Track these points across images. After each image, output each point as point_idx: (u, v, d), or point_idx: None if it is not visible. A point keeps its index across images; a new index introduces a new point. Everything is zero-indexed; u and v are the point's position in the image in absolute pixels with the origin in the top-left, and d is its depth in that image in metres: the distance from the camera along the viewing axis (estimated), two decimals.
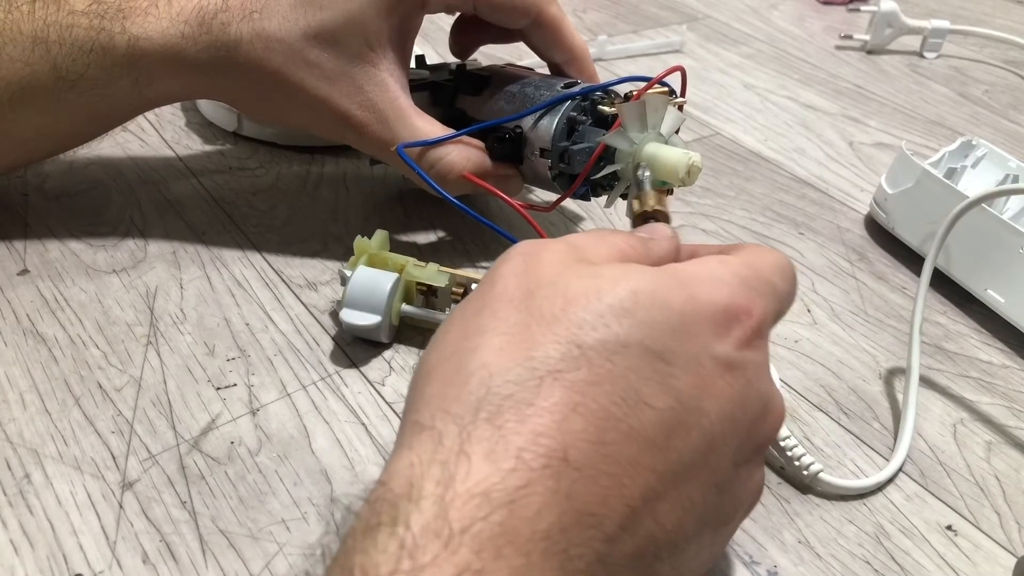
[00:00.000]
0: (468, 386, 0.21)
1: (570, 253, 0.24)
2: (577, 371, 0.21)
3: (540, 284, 0.23)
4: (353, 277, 0.36)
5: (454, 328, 0.23)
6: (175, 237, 0.43)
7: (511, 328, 0.22)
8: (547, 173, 0.40)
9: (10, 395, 0.34)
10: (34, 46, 0.37)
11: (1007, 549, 0.32)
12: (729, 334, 0.23)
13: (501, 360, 0.21)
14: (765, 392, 0.24)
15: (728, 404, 0.23)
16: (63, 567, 0.28)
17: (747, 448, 0.24)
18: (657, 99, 0.36)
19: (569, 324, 0.22)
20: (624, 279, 0.23)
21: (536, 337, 0.22)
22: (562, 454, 0.20)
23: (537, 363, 0.21)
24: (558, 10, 0.41)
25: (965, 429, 0.37)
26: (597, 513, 0.20)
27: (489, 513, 0.19)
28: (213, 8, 0.37)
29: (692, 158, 0.35)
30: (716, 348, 0.23)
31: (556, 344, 0.21)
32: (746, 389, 0.23)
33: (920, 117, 0.64)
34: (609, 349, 0.21)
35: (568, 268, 0.23)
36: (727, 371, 0.23)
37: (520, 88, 0.41)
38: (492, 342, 0.22)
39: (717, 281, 0.24)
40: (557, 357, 0.21)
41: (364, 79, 0.38)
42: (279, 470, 0.32)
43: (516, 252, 0.24)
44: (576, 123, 0.39)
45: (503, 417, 0.20)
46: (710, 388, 0.22)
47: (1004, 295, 0.42)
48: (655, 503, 0.21)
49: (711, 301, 0.23)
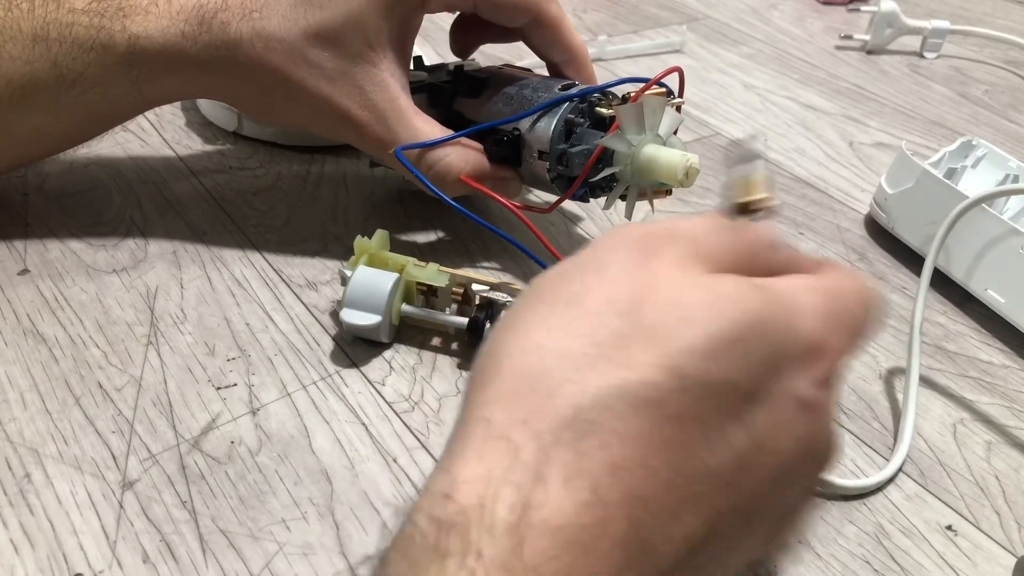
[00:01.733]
0: (554, 400, 0.19)
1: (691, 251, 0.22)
2: (673, 405, 0.20)
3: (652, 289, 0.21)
4: (353, 277, 0.36)
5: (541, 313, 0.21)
6: (175, 237, 0.43)
7: (608, 338, 0.20)
8: (545, 175, 0.40)
9: (10, 395, 0.34)
10: (34, 44, 0.37)
11: (1007, 549, 0.32)
12: (809, 372, 0.22)
13: (593, 378, 0.20)
14: (830, 432, 0.24)
15: (801, 444, 0.22)
16: (63, 567, 0.28)
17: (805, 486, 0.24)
18: (655, 101, 0.36)
19: (675, 347, 0.20)
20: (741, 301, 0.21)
21: (634, 355, 0.20)
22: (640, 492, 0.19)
23: (631, 388, 0.19)
24: (558, 10, 0.41)
25: (965, 429, 0.37)
26: (659, 551, 0.19)
27: (560, 553, 0.18)
28: (213, 7, 0.37)
29: (690, 160, 0.35)
30: (798, 387, 0.22)
31: (655, 367, 0.20)
32: (817, 430, 0.23)
33: (920, 117, 0.64)
34: (711, 384, 0.20)
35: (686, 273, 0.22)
36: (804, 412, 0.22)
37: (518, 90, 0.41)
38: (586, 351, 0.20)
39: (809, 314, 0.23)
40: (654, 385, 0.20)
41: (364, 79, 0.38)
42: (279, 470, 0.32)
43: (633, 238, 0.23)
44: (574, 125, 0.39)
45: (586, 442, 0.19)
46: (787, 427, 0.22)
47: (1004, 295, 0.42)
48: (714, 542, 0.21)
49: (803, 337, 0.22)
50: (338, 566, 0.29)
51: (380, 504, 0.31)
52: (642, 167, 0.37)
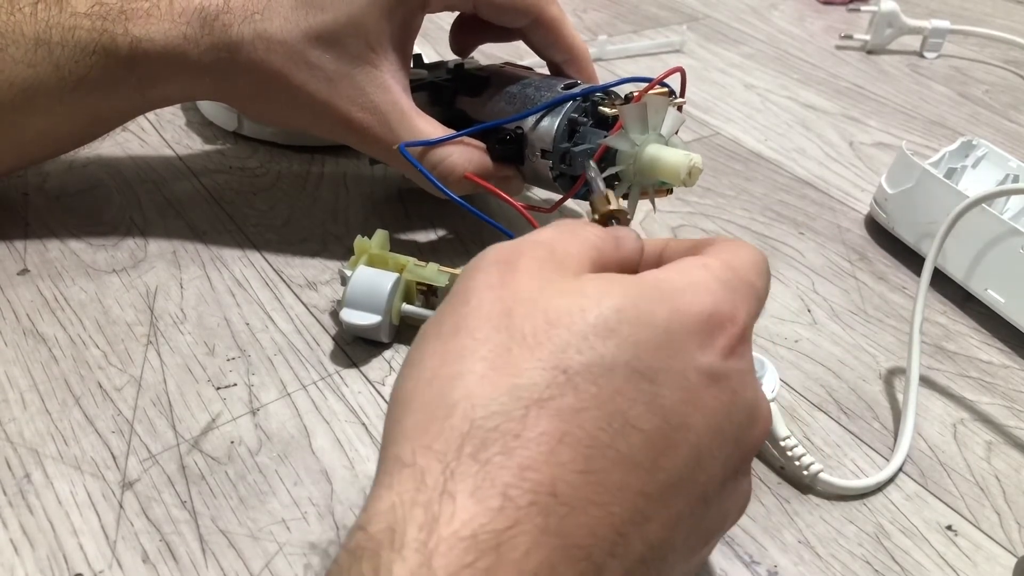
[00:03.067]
0: (451, 419, 0.20)
1: (545, 259, 0.23)
2: (563, 398, 0.20)
3: (518, 301, 0.22)
4: (353, 277, 0.36)
5: (430, 349, 0.22)
6: (175, 237, 0.43)
7: (492, 351, 0.21)
8: (548, 174, 0.40)
9: (10, 395, 0.34)
10: (36, 47, 0.37)
11: (1007, 549, 0.32)
12: (713, 343, 0.22)
13: (484, 389, 0.20)
14: (751, 400, 0.24)
15: (715, 417, 0.22)
16: (63, 567, 0.28)
17: (735, 459, 0.23)
18: (658, 100, 0.36)
19: (553, 348, 0.21)
20: (607, 296, 0.22)
21: (519, 362, 0.21)
22: (550, 488, 0.19)
23: (522, 391, 0.20)
24: (558, 10, 0.41)
25: (965, 429, 0.37)
26: (586, 545, 0.19)
27: (476, 559, 0.18)
28: (215, 9, 0.37)
29: (693, 159, 0.35)
30: (701, 360, 0.22)
31: (541, 370, 0.20)
32: (732, 399, 0.23)
33: (920, 117, 0.64)
34: (595, 373, 0.21)
35: (546, 282, 0.22)
36: (713, 383, 0.22)
37: (520, 89, 0.41)
38: (474, 368, 0.21)
39: (699, 289, 0.23)
40: (543, 384, 0.20)
41: (366, 80, 0.38)
42: (279, 470, 0.32)
43: (488, 261, 0.23)
44: (577, 124, 0.39)
45: (488, 451, 0.19)
46: (696, 403, 0.22)
47: (1004, 295, 0.42)
48: (643, 525, 0.21)
49: (695, 312, 0.22)
50: None
51: None
52: (645, 166, 0.37)
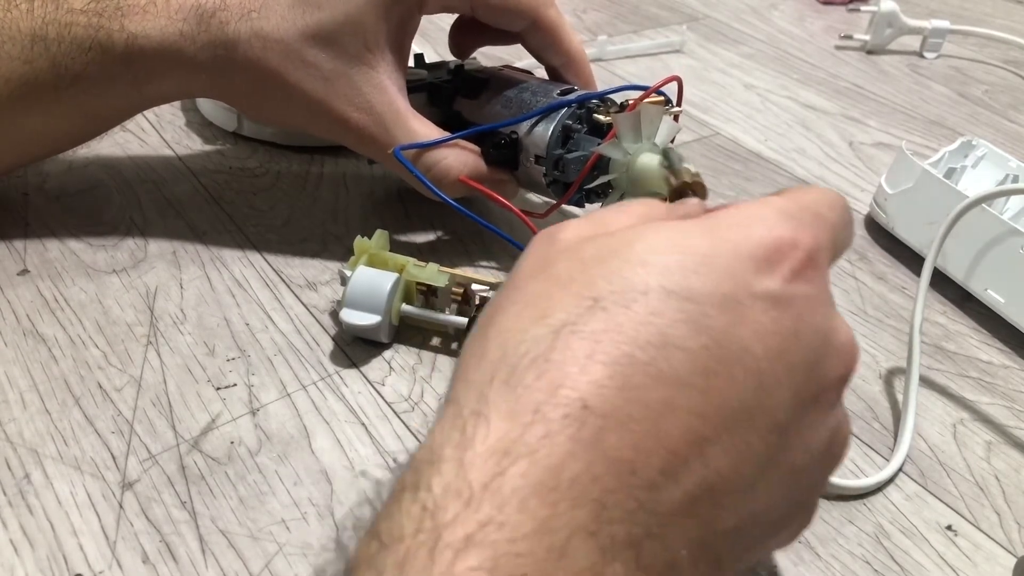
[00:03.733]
0: (486, 354, 0.21)
1: (589, 227, 0.24)
2: (593, 320, 0.20)
3: (558, 253, 0.23)
4: (353, 277, 0.36)
5: (483, 313, 0.23)
6: (175, 237, 0.43)
7: (529, 296, 0.22)
8: (542, 179, 0.40)
9: (10, 395, 0.34)
10: (33, 44, 0.37)
11: (1007, 549, 0.32)
12: (773, 270, 0.22)
13: (516, 323, 0.21)
14: (823, 326, 0.22)
15: (776, 340, 0.21)
16: (63, 567, 0.28)
17: (810, 388, 0.22)
18: (652, 109, 0.36)
19: (583, 281, 0.21)
20: (641, 235, 0.22)
21: (552, 298, 0.21)
22: (583, 403, 0.19)
23: (552, 319, 0.21)
24: (556, 13, 0.41)
25: (965, 429, 0.37)
26: (631, 459, 0.19)
27: (508, 467, 0.18)
28: (212, 6, 0.37)
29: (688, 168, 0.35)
30: (756, 285, 0.21)
31: (570, 300, 0.21)
32: (797, 324, 0.22)
33: (920, 117, 0.64)
34: (627, 297, 0.20)
35: (587, 238, 0.23)
36: (772, 307, 0.21)
37: (517, 93, 0.41)
38: (509, 309, 0.22)
39: (753, 219, 0.23)
40: (572, 311, 0.21)
41: (362, 80, 0.38)
42: (279, 470, 0.32)
43: (538, 237, 0.24)
44: (571, 131, 0.39)
45: (519, 376, 0.20)
46: (753, 326, 0.21)
47: (1004, 295, 0.42)
48: (703, 447, 0.20)
49: (745, 239, 0.22)
50: (338, 566, 0.29)
51: (380, 504, 0.31)
52: (637, 176, 0.37)
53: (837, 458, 0.25)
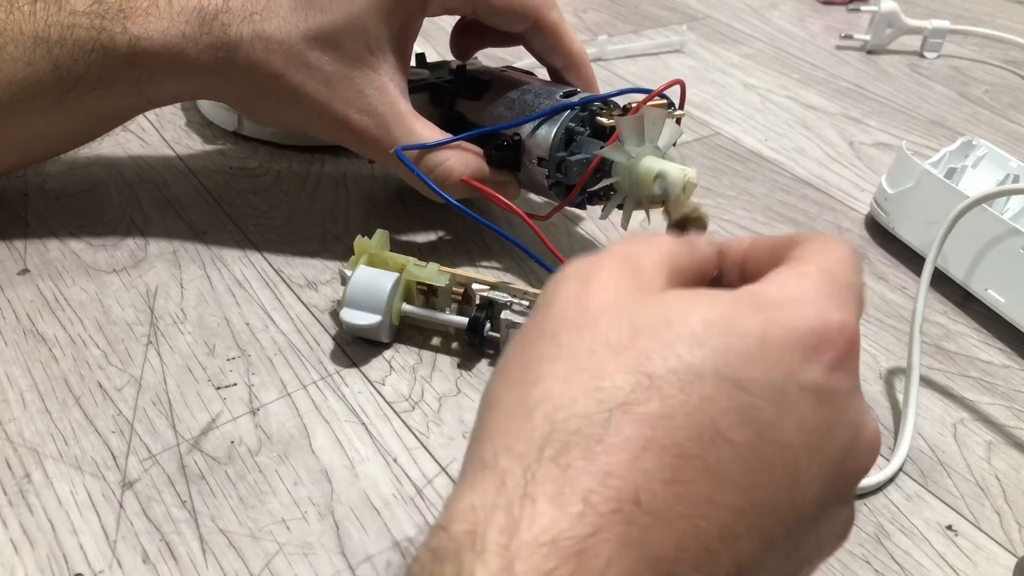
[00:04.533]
0: (532, 421, 0.20)
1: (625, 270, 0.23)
2: (648, 403, 0.19)
3: (604, 310, 0.21)
4: (353, 277, 0.36)
5: (516, 356, 0.22)
6: (175, 237, 0.43)
7: (575, 354, 0.20)
8: (544, 181, 0.40)
9: (10, 394, 0.34)
10: (35, 46, 0.37)
11: (1007, 549, 0.32)
12: (819, 358, 0.21)
13: (566, 390, 0.20)
14: (856, 420, 0.22)
15: (815, 435, 0.21)
16: (63, 567, 0.28)
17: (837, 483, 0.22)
18: (655, 113, 0.36)
19: (637, 353, 0.20)
20: (694, 307, 0.21)
21: (603, 365, 0.20)
22: (633, 496, 0.18)
23: (605, 395, 0.19)
24: (557, 15, 0.41)
25: (965, 429, 0.37)
26: (670, 558, 0.19)
27: (557, 566, 0.17)
28: (214, 9, 0.37)
29: (688, 174, 0.35)
30: (804, 375, 0.21)
31: (625, 374, 0.20)
32: (836, 418, 0.21)
33: (920, 117, 0.64)
34: (682, 379, 0.20)
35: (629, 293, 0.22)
36: (816, 400, 0.21)
37: (520, 95, 0.41)
38: (556, 370, 0.20)
39: (801, 300, 0.22)
40: (626, 388, 0.19)
41: (364, 82, 0.38)
42: (279, 470, 0.32)
43: (569, 275, 0.23)
44: (574, 133, 0.39)
45: (570, 455, 0.19)
46: (796, 418, 0.20)
47: (1004, 295, 0.42)
48: (734, 543, 0.19)
49: (796, 324, 0.21)
50: (338, 566, 0.29)
51: (380, 504, 0.31)
52: (640, 179, 0.37)
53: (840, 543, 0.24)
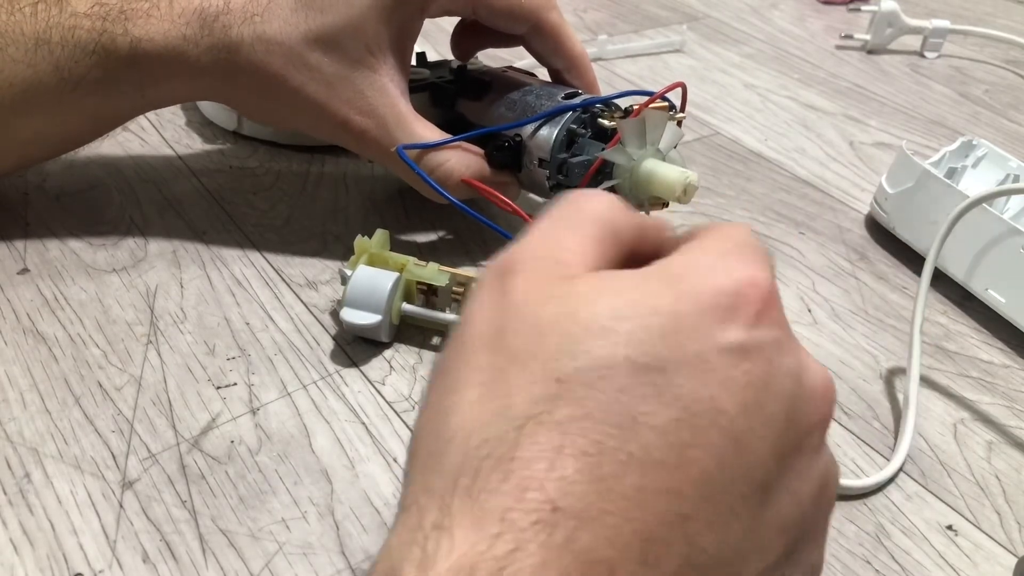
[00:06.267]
0: (447, 455, 0.19)
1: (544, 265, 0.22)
2: (558, 410, 0.18)
3: (509, 317, 0.20)
4: (353, 276, 0.36)
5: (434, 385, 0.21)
6: (175, 236, 0.43)
7: (485, 377, 0.20)
8: (545, 183, 0.40)
9: (10, 394, 0.34)
10: (36, 47, 0.37)
11: (1007, 549, 0.32)
12: (735, 316, 0.20)
13: (478, 415, 0.19)
14: (794, 367, 0.21)
15: (750, 393, 0.20)
16: (63, 566, 0.28)
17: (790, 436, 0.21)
18: (656, 115, 0.36)
19: (543, 358, 0.19)
20: (600, 293, 0.20)
21: (511, 381, 0.19)
22: (553, 504, 0.18)
23: (514, 410, 0.19)
24: (558, 17, 0.41)
25: (966, 429, 0.37)
26: (608, 558, 0.18)
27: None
28: (214, 10, 0.37)
29: (689, 177, 0.35)
30: (721, 337, 0.20)
31: (533, 384, 0.19)
32: (768, 371, 0.20)
33: (920, 117, 0.64)
34: (592, 376, 0.19)
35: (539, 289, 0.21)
36: (741, 358, 0.20)
37: (521, 96, 0.41)
38: (467, 396, 0.20)
39: (706, 266, 0.21)
40: (535, 399, 0.19)
41: (364, 84, 0.38)
42: (279, 469, 0.32)
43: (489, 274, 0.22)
44: (576, 135, 0.39)
45: (483, 480, 0.18)
46: (723, 383, 0.19)
47: (1005, 295, 0.42)
48: (683, 525, 0.18)
49: (705, 289, 0.20)
50: (338, 566, 0.29)
51: (380, 504, 0.31)
52: (641, 181, 0.37)
53: (831, 500, 0.23)
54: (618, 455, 0.18)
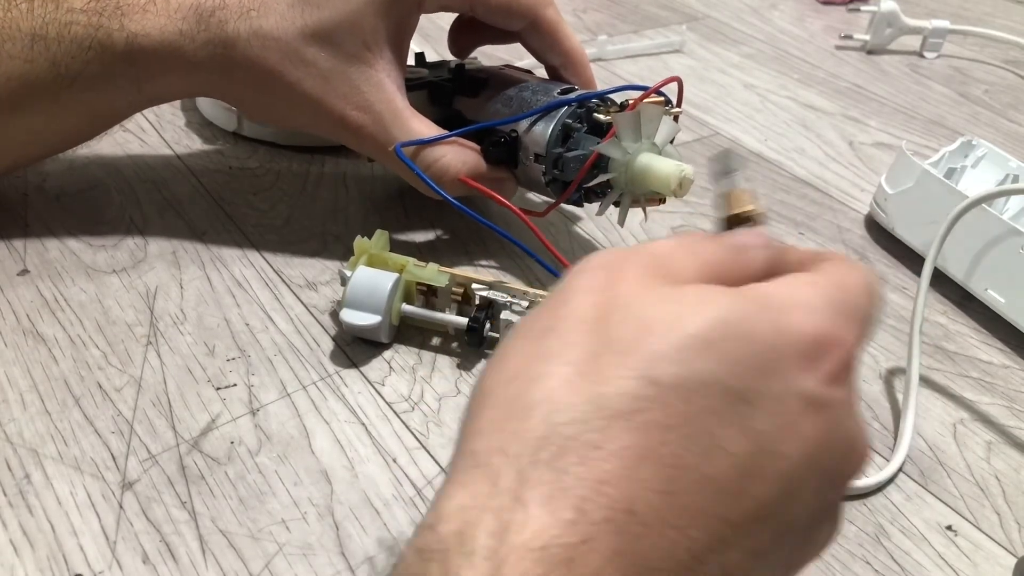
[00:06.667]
0: (529, 421, 0.19)
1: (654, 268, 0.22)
2: (650, 412, 0.19)
3: (616, 306, 0.21)
4: (353, 277, 0.36)
5: (518, 348, 0.21)
6: (175, 237, 0.43)
7: (580, 356, 0.20)
8: (541, 178, 0.40)
9: (10, 395, 0.34)
10: (33, 43, 0.37)
11: (1007, 549, 0.32)
12: (817, 368, 0.21)
13: (567, 395, 0.19)
14: (852, 432, 0.22)
15: (811, 447, 0.21)
16: (63, 567, 0.28)
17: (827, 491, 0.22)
18: (652, 109, 0.36)
19: (644, 356, 0.20)
20: (708, 305, 0.20)
21: (606, 369, 0.20)
22: (627, 506, 0.18)
23: (606, 401, 0.19)
24: (555, 13, 0.41)
25: (965, 429, 0.37)
26: (660, 568, 0.18)
27: (545, 572, 0.17)
28: (211, 5, 0.37)
29: (684, 170, 0.35)
30: (802, 385, 0.20)
31: (629, 379, 0.19)
32: (832, 430, 0.21)
33: (920, 117, 0.64)
34: (688, 388, 0.19)
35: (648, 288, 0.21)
36: (813, 411, 0.21)
37: (517, 92, 0.41)
38: (558, 371, 0.20)
39: (807, 308, 0.21)
40: (630, 395, 0.19)
41: (360, 79, 0.38)
42: (279, 470, 0.32)
43: (595, 264, 0.22)
44: (571, 130, 0.39)
45: (565, 460, 0.18)
46: (793, 430, 0.20)
47: (1004, 295, 0.42)
48: (724, 552, 0.19)
49: (800, 332, 0.21)
50: (338, 566, 0.29)
51: (380, 504, 0.31)
52: (636, 175, 0.37)
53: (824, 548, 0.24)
54: (692, 473, 0.19)
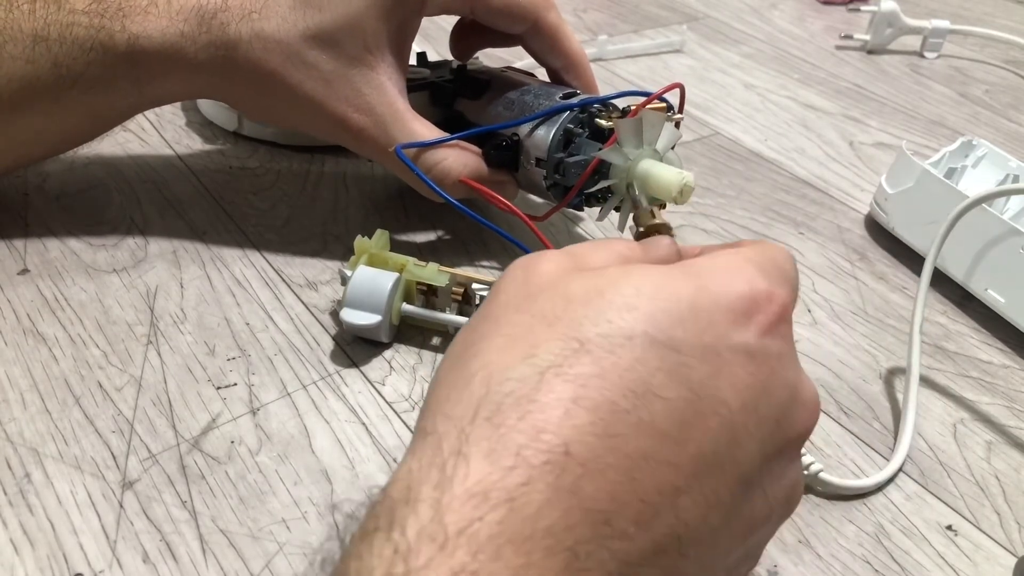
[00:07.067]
0: (469, 387, 0.21)
1: (569, 261, 0.24)
2: (579, 364, 0.20)
3: (541, 289, 0.23)
4: (353, 277, 0.36)
5: (460, 339, 0.23)
6: (175, 236, 0.43)
7: (513, 329, 0.22)
8: (542, 182, 0.40)
9: (10, 395, 0.34)
10: (35, 44, 0.37)
11: (1007, 549, 0.32)
12: (750, 322, 0.22)
13: (502, 358, 0.21)
14: (792, 381, 0.23)
15: (750, 393, 0.22)
16: (63, 567, 0.28)
17: (776, 441, 0.23)
18: (654, 115, 0.36)
19: (569, 321, 0.21)
20: (626, 277, 0.22)
21: (537, 336, 0.21)
22: (564, 449, 0.19)
23: (538, 359, 0.21)
24: (556, 17, 0.41)
25: (965, 429, 0.37)
26: (606, 510, 0.19)
27: (486, 513, 0.18)
28: (213, 7, 0.37)
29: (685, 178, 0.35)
30: (735, 337, 0.22)
31: (556, 340, 0.21)
32: (770, 378, 0.22)
33: (920, 117, 0.64)
34: (612, 342, 0.21)
35: (568, 273, 0.23)
36: (748, 360, 0.22)
37: (519, 95, 0.41)
38: (494, 343, 0.22)
39: (732, 270, 0.23)
40: (557, 352, 0.21)
41: (362, 81, 0.38)
42: (279, 470, 0.32)
43: (515, 266, 0.24)
44: (573, 135, 0.39)
45: (503, 415, 0.20)
46: (729, 377, 0.21)
47: (1004, 295, 0.42)
48: (674, 497, 0.20)
49: (727, 290, 0.22)
50: None
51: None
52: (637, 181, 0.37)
53: (790, 511, 0.25)
54: (629, 418, 0.20)
